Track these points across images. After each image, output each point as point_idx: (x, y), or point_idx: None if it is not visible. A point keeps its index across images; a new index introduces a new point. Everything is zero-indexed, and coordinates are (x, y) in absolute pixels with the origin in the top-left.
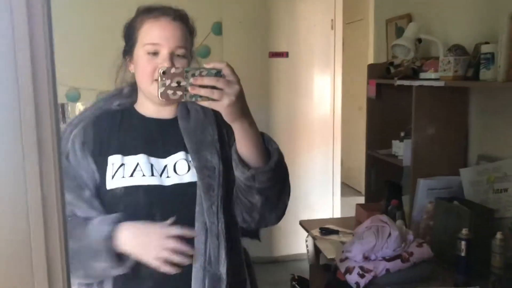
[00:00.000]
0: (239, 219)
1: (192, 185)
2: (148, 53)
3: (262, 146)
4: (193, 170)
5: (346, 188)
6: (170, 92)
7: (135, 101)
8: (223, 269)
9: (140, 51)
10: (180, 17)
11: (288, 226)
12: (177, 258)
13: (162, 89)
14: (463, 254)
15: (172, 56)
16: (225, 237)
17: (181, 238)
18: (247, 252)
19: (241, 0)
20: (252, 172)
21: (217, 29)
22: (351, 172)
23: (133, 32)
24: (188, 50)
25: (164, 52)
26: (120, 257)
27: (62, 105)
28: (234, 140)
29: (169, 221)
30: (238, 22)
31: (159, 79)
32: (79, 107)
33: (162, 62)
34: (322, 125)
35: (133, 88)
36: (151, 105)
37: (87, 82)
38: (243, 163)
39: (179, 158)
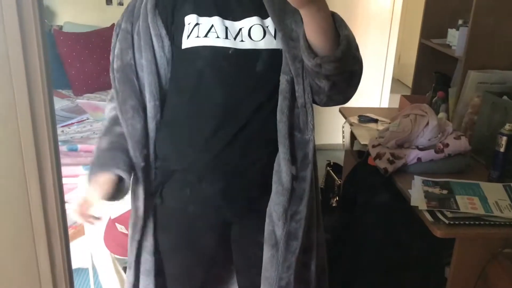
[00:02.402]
0: None
1: (267, 51)
2: None
3: (332, 32)
4: (268, 36)
5: (399, 85)
6: None
7: None
8: (311, 135)
9: None
10: None
11: (331, 114)
12: None
13: None
14: (502, 149)
15: None
16: (312, 106)
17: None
18: None
19: None
20: (318, 61)
21: None
22: (407, 68)
23: None
24: None
25: None
26: None
27: None
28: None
29: None
30: None
31: None
32: None
33: None
34: (381, 18)
35: None
36: None
37: None
38: (310, 49)
39: (254, 23)
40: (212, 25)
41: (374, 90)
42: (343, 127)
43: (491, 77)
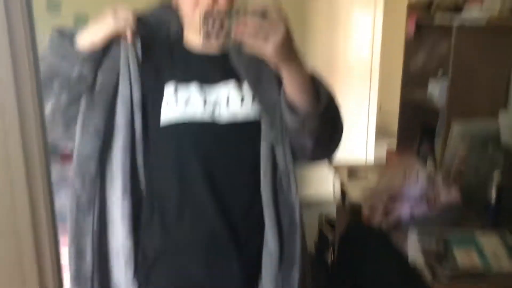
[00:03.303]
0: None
1: (246, 118)
2: None
3: (312, 90)
4: (246, 103)
5: (383, 132)
6: (213, 34)
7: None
8: (295, 199)
9: None
10: None
11: (319, 167)
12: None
13: (204, 31)
14: (493, 199)
15: None
16: (293, 172)
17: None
18: None
19: None
20: (300, 118)
21: None
22: (389, 116)
23: None
24: None
25: None
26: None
27: None
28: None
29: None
30: None
31: (202, 22)
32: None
33: None
34: (360, 67)
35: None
36: (198, 37)
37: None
38: (291, 107)
39: (232, 90)
40: (190, 94)
41: (359, 139)
42: (333, 182)
43: (475, 126)
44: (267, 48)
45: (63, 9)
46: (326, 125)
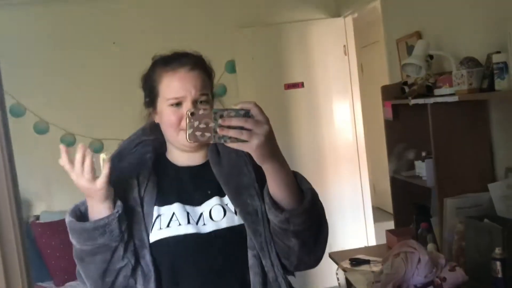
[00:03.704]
0: None
1: (230, 230)
2: (172, 105)
3: (295, 186)
4: (229, 214)
5: (381, 213)
6: (198, 133)
7: (165, 150)
8: None
9: (163, 105)
10: (197, 64)
11: (323, 259)
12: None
13: (190, 131)
14: (499, 275)
15: (195, 104)
16: (285, 279)
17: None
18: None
19: (252, 37)
20: (286, 215)
21: (231, 67)
22: (384, 195)
23: (153, 86)
24: (210, 94)
25: (188, 103)
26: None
27: None
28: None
29: None
30: (251, 58)
31: (187, 121)
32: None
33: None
34: (347, 151)
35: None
36: (180, 153)
37: (111, 133)
38: (276, 205)
39: (214, 204)
40: (174, 213)
41: (358, 224)
42: (336, 273)
43: (467, 201)
44: (251, 146)
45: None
46: (311, 223)
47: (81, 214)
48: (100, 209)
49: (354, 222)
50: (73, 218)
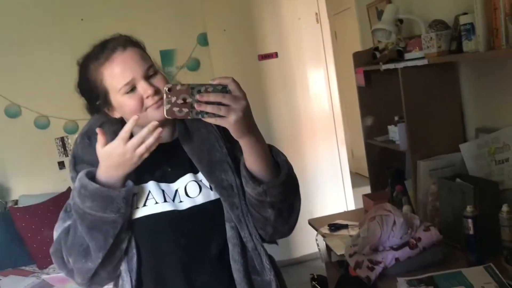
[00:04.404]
0: None
1: (207, 205)
2: (127, 93)
3: (271, 159)
4: (204, 190)
5: (360, 178)
6: (176, 109)
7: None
8: (270, 274)
9: (118, 97)
10: (126, 42)
11: (303, 226)
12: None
13: (167, 107)
14: (471, 232)
15: (147, 79)
16: (263, 247)
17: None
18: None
19: (223, 8)
20: (263, 187)
21: (203, 40)
22: (362, 161)
23: (97, 86)
24: (155, 64)
25: (141, 82)
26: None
27: (62, 139)
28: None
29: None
30: (223, 30)
31: (165, 97)
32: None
33: (145, 90)
34: (323, 119)
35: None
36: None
37: (85, 113)
38: (253, 178)
39: (188, 180)
40: (149, 192)
41: (337, 191)
42: (316, 240)
43: (439, 162)
44: (229, 121)
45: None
46: (287, 194)
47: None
48: (119, 179)
49: (333, 188)
50: (97, 184)
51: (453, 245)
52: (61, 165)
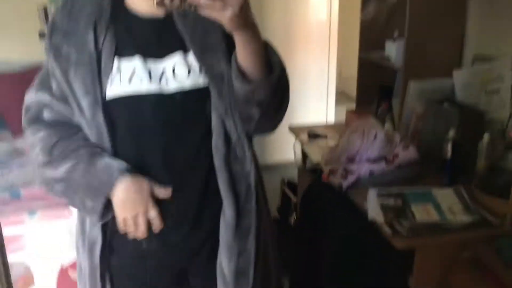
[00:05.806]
0: None
1: (195, 91)
2: None
3: (264, 58)
4: (193, 74)
5: (344, 97)
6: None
7: None
8: (250, 167)
9: None
10: None
11: (281, 131)
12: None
13: None
14: (449, 155)
15: None
16: (247, 138)
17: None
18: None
19: None
20: (252, 86)
21: None
22: (350, 81)
23: None
24: None
25: None
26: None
27: (45, 9)
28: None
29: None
30: None
31: None
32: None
33: None
34: (319, 29)
35: None
36: (142, 1)
37: None
38: (242, 75)
39: (177, 61)
40: (134, 68)
41: (320, 105)
42: (294, 145)
43: (430, 85)
44: (224, 15)
45: None
46: (276, 95)
47: None
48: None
49: (316, 100)
50: None
51: (429, 166)
52: (43, 35)
